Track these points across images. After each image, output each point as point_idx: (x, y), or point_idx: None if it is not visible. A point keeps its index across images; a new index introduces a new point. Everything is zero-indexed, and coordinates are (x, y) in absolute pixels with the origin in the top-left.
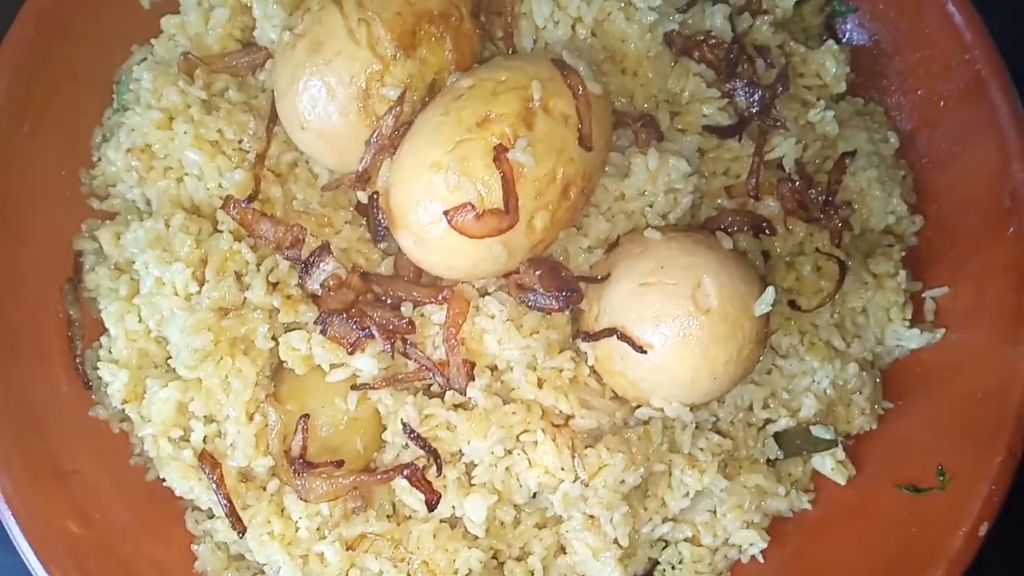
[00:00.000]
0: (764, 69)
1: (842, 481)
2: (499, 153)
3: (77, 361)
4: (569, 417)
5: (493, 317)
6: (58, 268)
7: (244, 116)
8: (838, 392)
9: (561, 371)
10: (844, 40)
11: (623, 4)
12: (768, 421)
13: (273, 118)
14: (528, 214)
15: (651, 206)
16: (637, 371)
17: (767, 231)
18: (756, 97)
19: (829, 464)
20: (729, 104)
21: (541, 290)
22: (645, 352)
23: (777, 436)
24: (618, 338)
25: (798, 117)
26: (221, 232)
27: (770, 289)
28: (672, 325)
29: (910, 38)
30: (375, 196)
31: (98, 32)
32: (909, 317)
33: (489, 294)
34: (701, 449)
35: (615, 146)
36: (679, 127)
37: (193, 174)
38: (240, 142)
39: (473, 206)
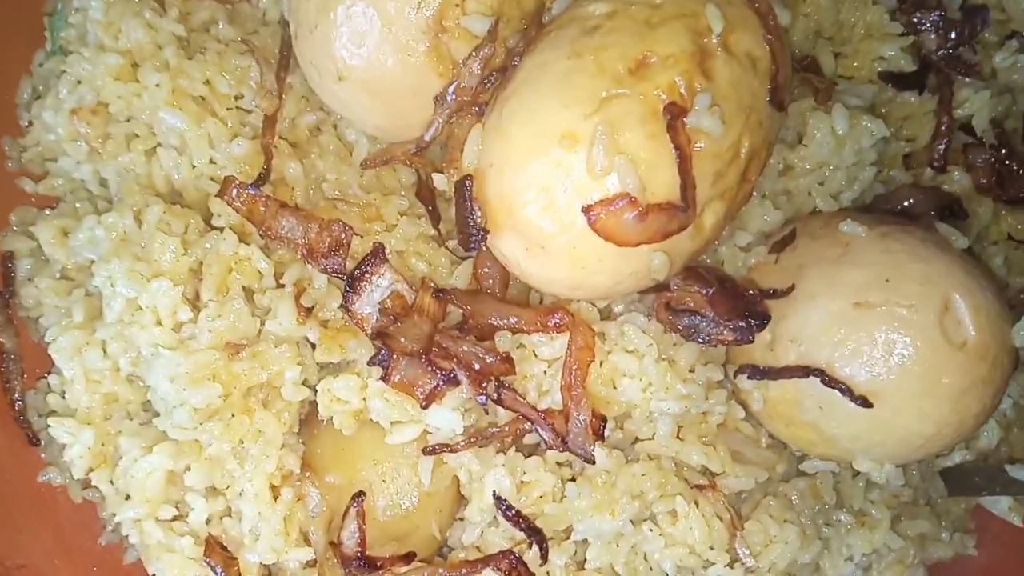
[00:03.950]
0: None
1: (1021, 523)
2: (673, 117)
3: (16, 407)
4: (717, 475)
5: (636, 354)
6: None
7: (242, 60)
8: (1019, 412)
9: (706, 415)
10: None
11: None
12: (938, 455)
13: (286, 63)
14: (700, 205)
15: (822, 183)
16: (843, 426)
17: (956, 214)
18: (953, 35)
19: (1005, 504)
20: (913, 44)
21: (709, 316)
22: (870, 406)
23: (944, 472)
24: (824, 383)
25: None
26: (219, 230)
27: None
28: (909, 366)
29: None
30: (466, 183)
31: None
32: None
33: (614, 313)
34: (872, 502)
35: None
36: (845, 74)
37: (171, 145)
38: (238, 98)
39: (632, 198)
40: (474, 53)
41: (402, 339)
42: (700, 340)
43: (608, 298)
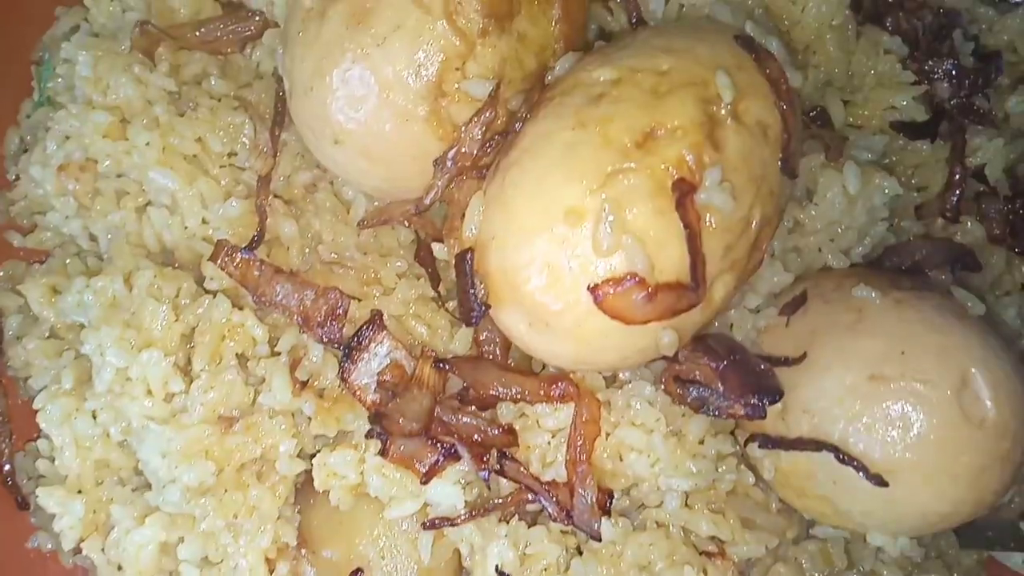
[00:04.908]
0: (962, 43)
1: None
2: (683, 194)
3: (4, 471)
4: (726, 543)
5: (643, 428)
6: None
7: (235, 116)
8: None
9: (716, 482)
10: None
11: None
12: None
13: (280, 120)
14: (710, 279)
15: (833, 240)
16: (857, 502)
17: (969, 267)
18: (966, 84)
19: (1018, 558)
20: (926, 92)
21: (720, 390)
22: (885, 484)
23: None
24: (839, 460)
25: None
26: (212, 294)
27: None
28: (926, 444)
29: None
30: (467, 256)
31: None
32: None
33: (620, 379)
34: (884, 561)
35: None
36: (855, 122)
37: (162, 204)
38: (231, 155)
39: (640, 279)
40: (475, 118)
41: (400, 420)
42: (710, 413)
43: (613, 369)
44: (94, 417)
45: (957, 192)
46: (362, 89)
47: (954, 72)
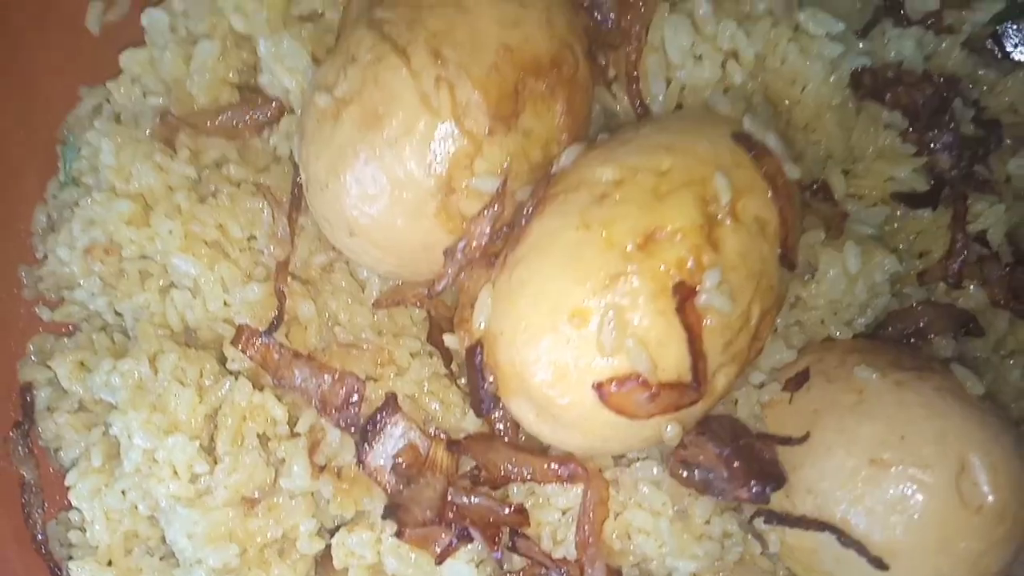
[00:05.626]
0: (962, 111)
1: None
2: (683, 298)
3: (38, 539)
4: None
5: (649, 510)
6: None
7: (254, 201)
8: None
9: (723, 555)
10: (1013, 53)
11: (793, 32)
12: None
13: (297, 204)
14: (711, 373)
15: (836, 313)
16: None
17: (972, 332)
18: (965, 154)
19: None
20: (926, 163)
21: (724, 475)
22: (886, 568)
23: None
24: (840, 542)
25: (996, 170)
26: (234, 375)
27: None
28: (925, 529)
29: None
30: (477, 350)
31: (28, 65)
32: None
33: (628, 457)
34: None
35: None
36: (855, 192)
37: (185, 286)
38: (250, 239)
39: (643, 379)
40: (483, 212)
41: (415, 508)
42: (715, 496)
43: (619, 453)
44: (123, 494)
45: (959, 261)
46: (374, 188)
47: (953, 143)
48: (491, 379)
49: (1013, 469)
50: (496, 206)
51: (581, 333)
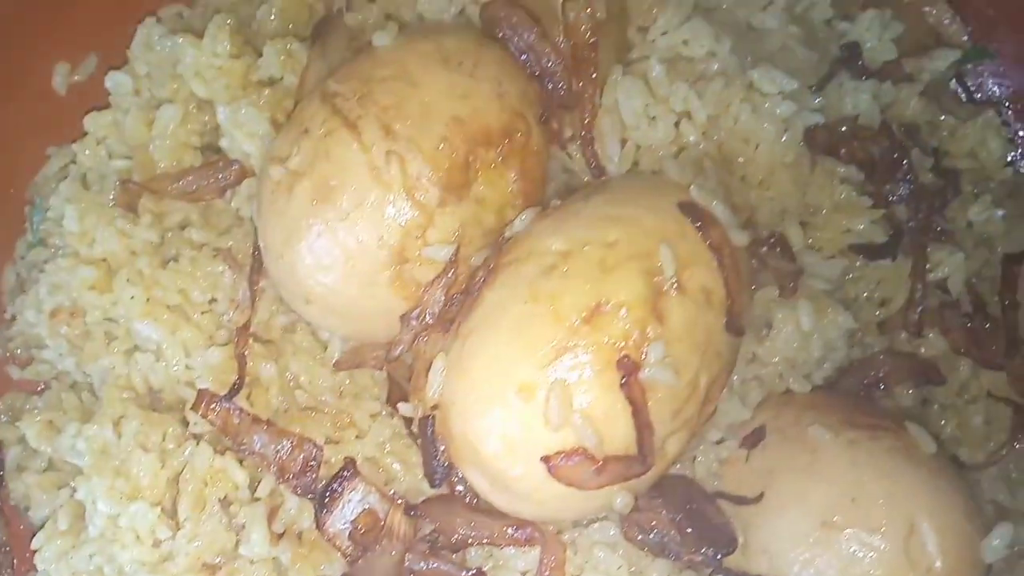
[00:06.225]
0: (920, 159)
1: None
2: (628, 375)
3: None
4: None
5: (605, 573)
6: None
7: (215, 264)
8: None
9: None
10: (976, 95)
11: (746, 91)
12: None
13: (259, 267)
14: (659, 440)
15: (793, 367)
16: None
17: (932, 380)
18: (923, 206)
19: None
20: (884, 215)
21: (677, 538)
22: None
23: None
24: None
25: (955, 217)
26: (196, 438)
27: (1005, 528)
28: None
29: None
30: (429, 421)
31: None
32: None
33: (582, 521)
34: None
35: None
36: (814, 244)
37: (148, 350)
38: (212, 301)
39: (589, 454)
40: (436, 280)
41: (374, 560)
42: (670, 558)
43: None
44: (90, 557)
45: (919, 310)
46: (328, 259)
47: (911, 195)
48: (443, 449)
49: (961, 532)
50: (450, 273)
51: (529, 406)
